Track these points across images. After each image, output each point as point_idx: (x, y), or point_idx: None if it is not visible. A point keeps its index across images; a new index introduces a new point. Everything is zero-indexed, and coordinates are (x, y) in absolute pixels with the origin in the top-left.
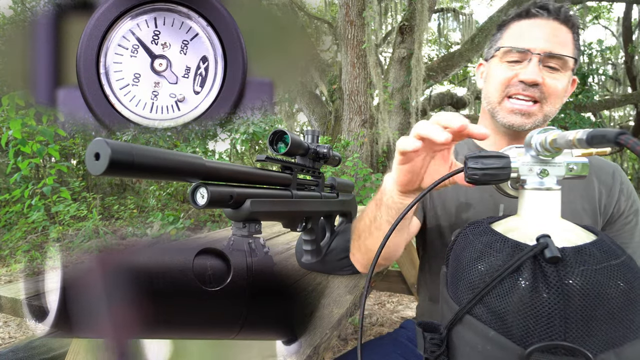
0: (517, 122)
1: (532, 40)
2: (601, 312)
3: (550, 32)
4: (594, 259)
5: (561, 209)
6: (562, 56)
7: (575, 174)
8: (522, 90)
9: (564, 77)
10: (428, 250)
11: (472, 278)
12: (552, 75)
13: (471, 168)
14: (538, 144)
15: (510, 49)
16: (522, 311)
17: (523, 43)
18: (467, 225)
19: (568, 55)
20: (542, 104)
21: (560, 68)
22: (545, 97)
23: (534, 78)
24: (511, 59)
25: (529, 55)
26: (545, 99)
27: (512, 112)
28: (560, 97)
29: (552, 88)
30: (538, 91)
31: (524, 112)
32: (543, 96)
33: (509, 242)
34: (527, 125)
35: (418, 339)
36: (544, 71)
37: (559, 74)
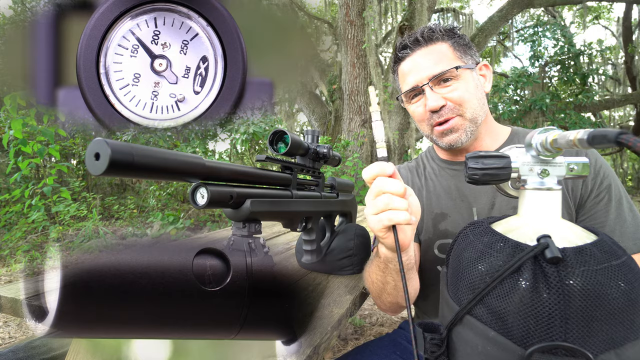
0: (453, 140)
1: (413, 77)
2: (602, 313)
3: (422, 60)
4: (594, 259)
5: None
6: (443, 72)
7: (575, 174)
8: (437, 118)
9: (461, 81)
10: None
11: (473, 278)
12: (450, 88)
13: (472, 168)
14: (539, 144)
15: (405, 93)
16: (523, 311)
17: (409, 83)
18: (468, 225)
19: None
20: (461, 115)
21: (452, 77)
22: (457, 109)
23: (435, 104)
24: (412, 98)
25: (420, 89)
26: (459, 109)
27: (442, 134)
28: (471, 98)
29: (456, 99)
30: (448, 110)
31: (449, 130)
32: (455, 109)
33: (510, 242)
34: (462, 138)
35: (418, 339)
36: (441, 90)
37: (455, 83)
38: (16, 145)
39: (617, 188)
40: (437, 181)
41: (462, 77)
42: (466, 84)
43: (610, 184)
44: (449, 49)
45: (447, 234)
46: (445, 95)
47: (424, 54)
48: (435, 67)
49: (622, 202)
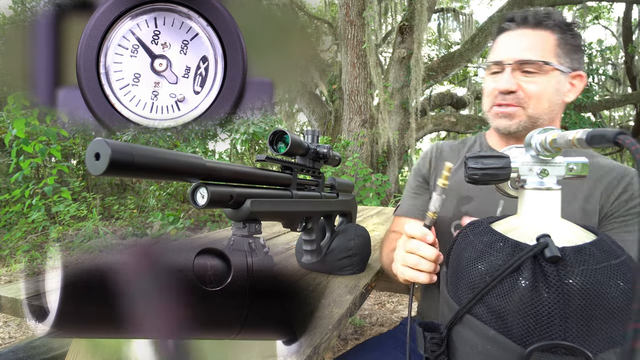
0: (502, 125)
1: (503, 52)
2: (601, 312)
3: (519, 40)
4: (594, 258)
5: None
6: (531, 61)
7: (575, 174)
8: (501, 100)
9: (544, 79)
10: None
11: (473, 278)
12: (530, 79)
13: (471, 168)
14: (538, 144)
15: (489, 63)
16: (522, 311)
17: (496, 56)
18: (468, 225)
19: (536, 60)
20: (524, 107)
21: (537, 71)
22: (524, 101)
23: (506, 86)
24: (493, 71)
25: (502, 66)
26: (526, 102)
27: (497, 116)
28: (544, 98)
29: (529, 92)
30: (516, 97)
31: (506, 115)
32: (523, 101)
33: (509, 241)
34: (512, 127)
35: (418, 338)
36: (521, 77)
37: (537, 77)
38: (18, 144)
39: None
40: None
41: (547, 75)
42: (547, 83)
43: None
44: (552, 42)
45: (467, 215)
46: (521, 83)
47: (524, 35)
48: (526, 52)
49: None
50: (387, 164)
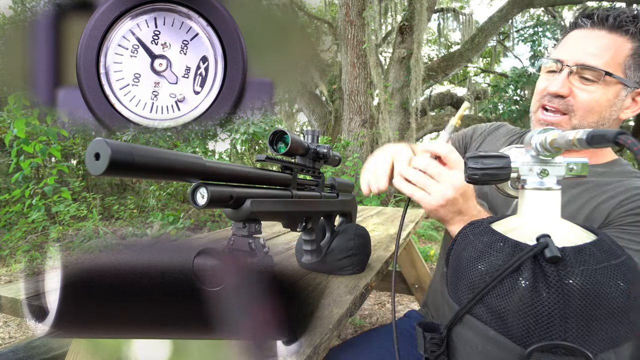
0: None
1: (567, 51)
2: (601, 312)
3: (588, 42)
4: (594, 258)
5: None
6: (592, 68)
7: (575, 174)
8: (547, 101)
9: (601, 90)
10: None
11: (473, 278)
12: (585, 87)
13: (471, 168)
14: (538, 144)
15: (549, 60)
16: (522, 311)
17: (559, 54)
18: (468, 225)
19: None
20: (570, 117)
21: (596, 80)
22: (573, 109)
23: (556, 90)
24: (550, 69)
25: (561, 67)
26: (574, 111)
27: (539, 122)
28: (595, 110)
29: (581, 101)
30: (564, 103)
31: (548, 124)
32: (571, 109)
33: (509, 241)
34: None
35: (418, 338)
36: (577, 82)
37: (595, 86)
38: (18, 144)
39: None
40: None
41: (607, 87)
42: (604, 95)
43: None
44: (627, 50)
45: (486, 198)
46: (574, 89)
47: (597, 37)
48: (591, 57)
49: None
50: None
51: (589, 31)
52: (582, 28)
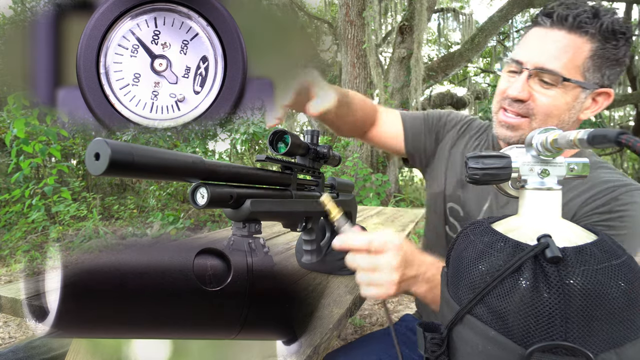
0: (503, 135)
1: (527, 52)
2: (602, 312)
3: (547, 43)
4: (594, 258)
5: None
6: (551, 72)
7: (575, 174)
8: (508, 105)
9: (560, 94)
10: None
11: (473, 278)
12: (545, 91)
13: (472, 168)
14: (539, 144)
15: (509, 60)
16: (523, 311)
17: (519, 54)
18: (468, 224)
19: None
20: (530, 120)
21: (554, 83)
22: (533, 113)
23: (515, 94)
24: (511, 70)
25: (521, 69)
26: (534, 115)
27: (500, 124)
28: (554, 114)
29: (540, 105)
30: (525, 107)
31: (509, 125)
32: (531, 112)
33: (510, 242)
34: (512, 139)
35: (419, 338)
36: (537, 86)
37: (554, 90)
38: (18, 144)
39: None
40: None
41: (565, 91)
42: (563, 99)
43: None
44: (586, 52)
45: (459, 202)
46: (534, 92)
47: (556, 38)
48: (550, 60)
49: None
50: (387, 164)
51: (548, 31)
52: (542, 27)
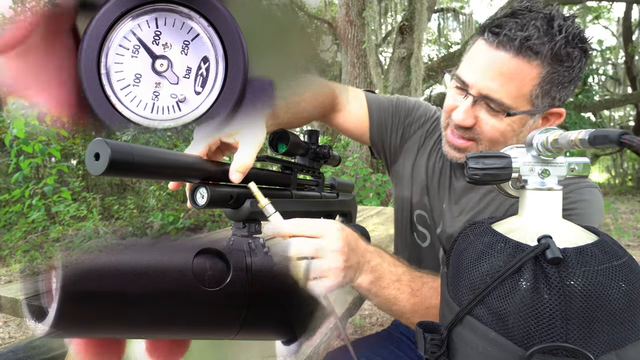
0: (451, 155)
1: (472, 73)
2: (603, 313)
3: (493, 68)
4: (595, 259)
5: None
6: (496, 102)
7: (576, 174)
8: (454, 128)
9: (505, 122)
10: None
11: (473, 279)
12: (490, 118)
13: (472, 168)
14: (539, 144)
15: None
16: (523, 312)
17: (465, 73)
18: (468, 225)
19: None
20: (477, 143)
21: (500, 112)
22: (479, 138)
23: (460, 121)
24: (457, 86)
25: (466, 93)
26: (480, 140)
27: (448, 144)
28: (500, 142)
29: (486, 132)
30: (470, 132)
31: (456, 147)
32: (477, 137)
33: (510, 242)
34: (460, 159)
35: (418, 339)
36: (483, 111)
37: (498, 117)
38: (18, 144)
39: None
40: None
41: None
42: (510, 127)
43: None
44: (533, 80)
45: (426, 209)
46: (480, 118)
47: (502, 62)
48: (495, 89)
49: None
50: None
51: (493, 52)
52: (488, 44)
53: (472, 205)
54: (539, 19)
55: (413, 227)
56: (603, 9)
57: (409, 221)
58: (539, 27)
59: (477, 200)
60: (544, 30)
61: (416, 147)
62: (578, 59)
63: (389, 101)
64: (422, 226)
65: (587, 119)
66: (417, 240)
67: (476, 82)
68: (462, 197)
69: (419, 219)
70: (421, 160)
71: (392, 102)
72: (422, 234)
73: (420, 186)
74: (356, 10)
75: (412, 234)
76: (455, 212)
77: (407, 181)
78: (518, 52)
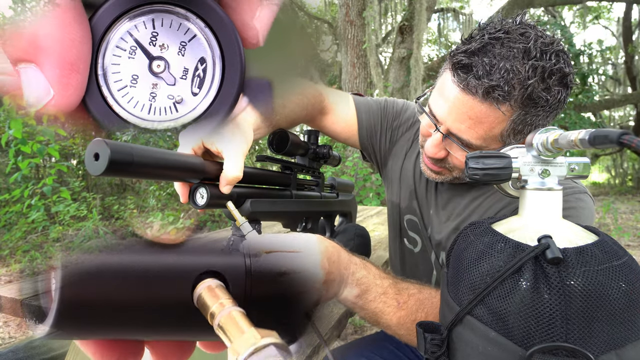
0: (428, 174)
1: (442, 109)
2: (603, 313)
3: (461, 109)
4: (595, 259)
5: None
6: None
7: (576, 174)
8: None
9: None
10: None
11: (473, 279)
12: (461, 151)
13: (472, 168)
14: (539, 144)
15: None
16: (523, 312)
17: (436, 106)
18: (468, 225)
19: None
20: (451, 171)
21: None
22: (451, 167)
23: (431, 155)
24: (430, 113)
25: (436, 128)
26: (452, 169)
27: (425, 164)
28: None
29: (458, 164)
30: (442, 162)
31: (432, 170)
32: (449, 166)
33: (510, 242)
34: (438, 180)
35: (419, 339)
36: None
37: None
38: (16, 145)
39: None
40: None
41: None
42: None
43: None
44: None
45: (416, 213)
46: (450, 150)
47: (470, 105)
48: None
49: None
50: None
51: (461, 95)
52: (456, 84)
53: (459, 212)
54: (510, 58)
55: (403, 232)
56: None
57: (398, 226)
58: (509, 70)
59: (464, 206)
60: (515, 72)
61: (404, 151)
62: (556, 95)
63: (377, 104)
64: (413, 231)
65: (587, 119)
66: (408, 245)
67: (445, 120)
68: (448, 202)
69: (409, 223)
70: (409, 164)
71: (380, 104)
72: (413, 239)
73: (409, 190)
74: (356, 11)
75: (402, 240)
76: (442, 218)
77: (396, 185)
78: (484, 98)
